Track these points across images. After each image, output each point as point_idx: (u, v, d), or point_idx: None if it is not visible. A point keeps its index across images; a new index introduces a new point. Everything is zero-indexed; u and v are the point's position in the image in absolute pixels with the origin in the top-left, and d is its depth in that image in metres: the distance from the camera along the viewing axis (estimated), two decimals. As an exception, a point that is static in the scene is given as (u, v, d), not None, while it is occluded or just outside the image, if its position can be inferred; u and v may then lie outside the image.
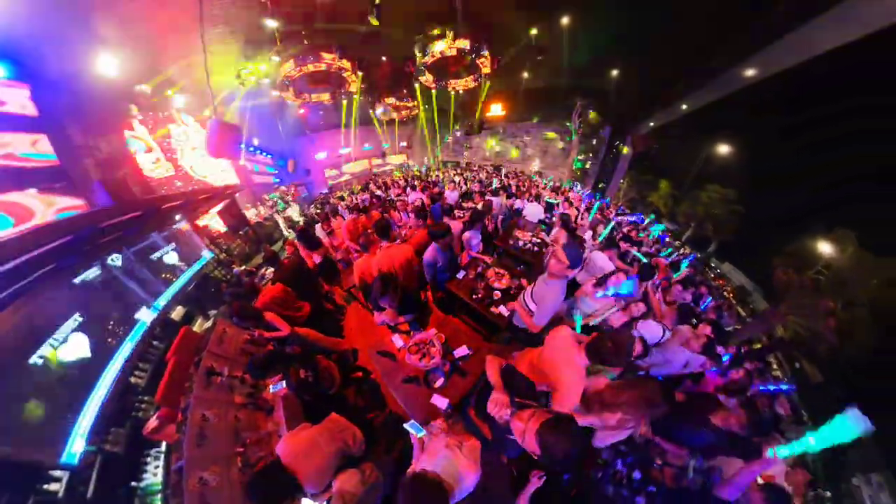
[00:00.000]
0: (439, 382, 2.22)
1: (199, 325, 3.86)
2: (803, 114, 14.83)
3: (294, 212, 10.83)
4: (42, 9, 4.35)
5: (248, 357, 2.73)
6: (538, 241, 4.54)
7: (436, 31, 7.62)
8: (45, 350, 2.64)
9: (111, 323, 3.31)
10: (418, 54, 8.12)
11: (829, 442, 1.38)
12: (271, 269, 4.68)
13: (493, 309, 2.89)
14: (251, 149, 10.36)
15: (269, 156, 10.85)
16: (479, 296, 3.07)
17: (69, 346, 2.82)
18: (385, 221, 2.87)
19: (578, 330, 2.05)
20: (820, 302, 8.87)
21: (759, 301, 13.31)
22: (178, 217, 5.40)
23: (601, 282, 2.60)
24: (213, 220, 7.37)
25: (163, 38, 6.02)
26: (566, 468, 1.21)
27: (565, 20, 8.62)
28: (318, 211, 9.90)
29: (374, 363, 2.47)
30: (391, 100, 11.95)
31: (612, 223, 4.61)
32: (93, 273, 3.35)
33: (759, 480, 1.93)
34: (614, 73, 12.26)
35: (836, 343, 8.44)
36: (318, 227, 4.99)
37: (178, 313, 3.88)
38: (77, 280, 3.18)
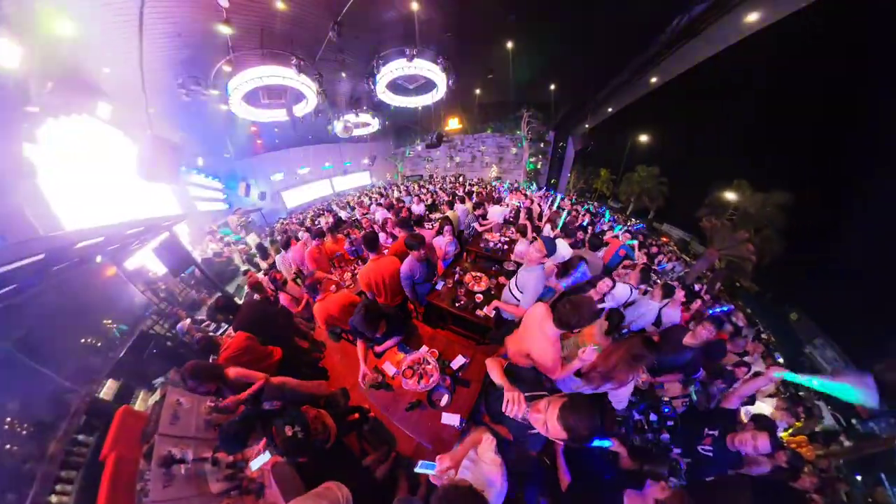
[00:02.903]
0: (444, 400, 2.12)
1: (141, 402, 2.96)
2: (693, 106, 20.66)
3: (252, 240, 9.56)
4: None
5: (217, 428, 2.24)
6: (506, 239, 4.86)
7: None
8: None
9: (8, 420, 2.38)
10: (377, 72, 8.04)
11: (832, 393, 1.54)
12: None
13: (478, 312, 2.94)
14: (194, 171, 9.04)
15: (216, 179, 9.50)
16: (462, 302, 3.10)
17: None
18: (373, 233, 2.80)
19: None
20: (738, 234, 11.95)
21: (697, 246, 17.06)
22: (98, 259, 4.30)
23: (564, 273, 2.88)
24: (147, 260, 6.06)
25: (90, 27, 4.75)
26: (585, 442, 1.20)
27: (510, 45, 10.07)
28: (277, 239, 8.90)
29: (370, 399, 2.27)
30: (351, 116, 11.58)
31: (566, 211, 4.98)
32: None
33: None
34: (552, 87, 14.67)
35: (756, 260, 11.73)
36: (279, 257, 4.48)
37: (109, 390, 2.92)
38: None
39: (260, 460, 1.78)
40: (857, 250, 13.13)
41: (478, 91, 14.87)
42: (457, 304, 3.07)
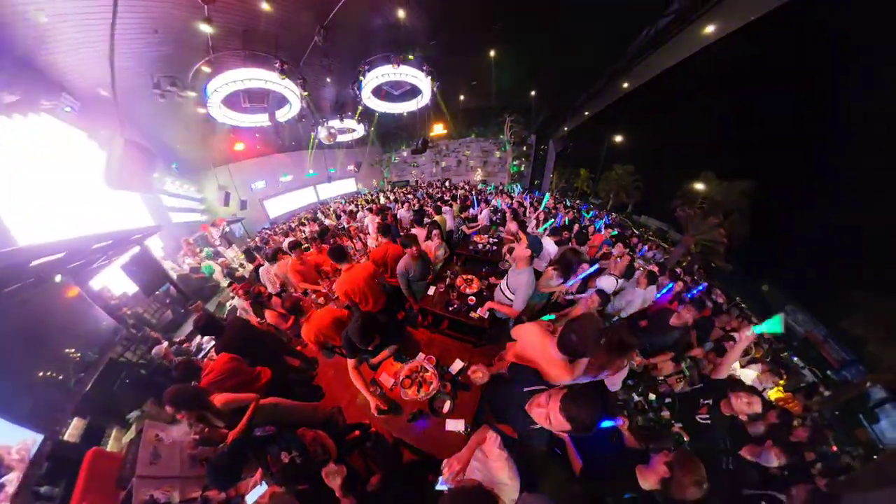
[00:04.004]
0: (447, 406, 2.09)
1: (114, 441, 2.60)
2: (661, 108, 23.09)
3: (233, 254, 8.98)
4: None
5: (205, 463, 1.96)
6: (494, 240, 4.97)
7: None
8: None
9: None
10: (363, 78, 7.99)
11: (779, 326, 1.89)
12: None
13: (472, 314, 2.97)
14: (169, 178, 8.39)
15: (192, 187, 8.85)
16: (455, 306, 3.12)
17: None
18: (338, 245, 2.89)
19: (551, 318, 2.32)
20: (709, 221, 13.36)
21: (674, 234, 18.63)
22: (57, 278, 3.84)
23: (566, 273, 2.95)
24: (116, 279, 5.51)
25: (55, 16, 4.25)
26: (590, 430, 1.22)
27: (492, 53, 10.62)
28: (262, 247, 8.43)
29: (370, 414, 2.17)
30: (336, 122, 11.35)
31: (551, 222, 5.37)
32: None
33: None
34: (532, 93, 15.50)
35: (727, 242, 13.16)
36: (262, 270, 4.26)
37: (75, 430, 2.54)
38: None
39: (256, 493, 1.62)
40: (810, 227, 15.07)
41: (462, 97, 15.36)
42: (450, 308, 3.09)
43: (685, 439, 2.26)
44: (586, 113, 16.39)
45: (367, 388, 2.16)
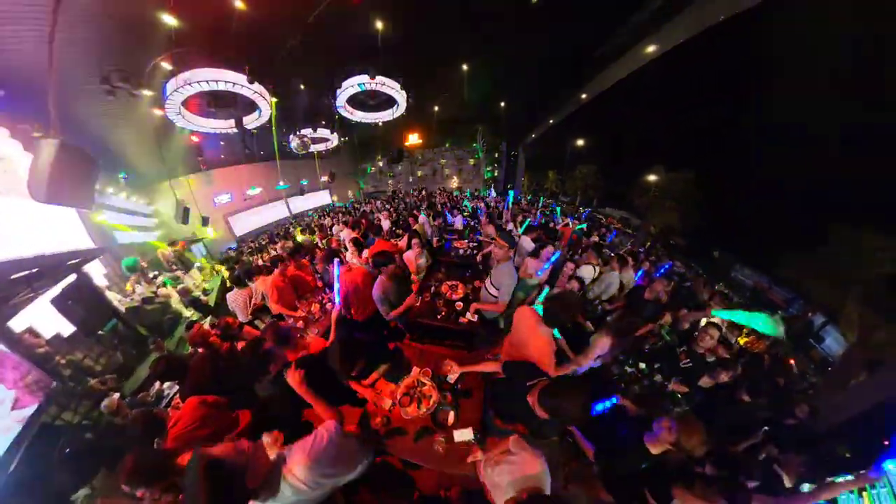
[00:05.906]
0: (451, 418, 2.05)
1: None
2: (614, 113, 24.36)
3: (192, 279, 7.84)
4: None
5: None
6: (474, 244, 5.07)
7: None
8: None
9: None
10: (338, 87, 7.85)
11: (751, 324, 2.20)
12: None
13: (461, 320, 2.98)
14: (115, 190, 7.16)
15: (144, 200, 7.61)
16: (443, 313, 3.09)
17: None
18: (331, 250, 2.96)
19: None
20: (664, 204, 15.97)
21: (636, 220, 21.20)
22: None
23: (535, 253, 3.20)
24: (44, 318, 4.41)
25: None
26: (585, 420, 1.21)
27: (465, 67, 11.45)
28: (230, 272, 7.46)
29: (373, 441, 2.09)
30: (309, 131, 10.78)
31: (528, 220, 5.64)
32: None
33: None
34: (502, 103, 16.79)
35: (680, 222, 15.76)
36: (229, 296, 3.86)
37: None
38: None
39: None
40: (745, 200, 17.86)
41: (436, 108, 15.92)
42: (439, 317, 3.06)
43: (679, 396, 2.54)
44: (551, 121, 18.05)
45: (378, 398, 2.12)
